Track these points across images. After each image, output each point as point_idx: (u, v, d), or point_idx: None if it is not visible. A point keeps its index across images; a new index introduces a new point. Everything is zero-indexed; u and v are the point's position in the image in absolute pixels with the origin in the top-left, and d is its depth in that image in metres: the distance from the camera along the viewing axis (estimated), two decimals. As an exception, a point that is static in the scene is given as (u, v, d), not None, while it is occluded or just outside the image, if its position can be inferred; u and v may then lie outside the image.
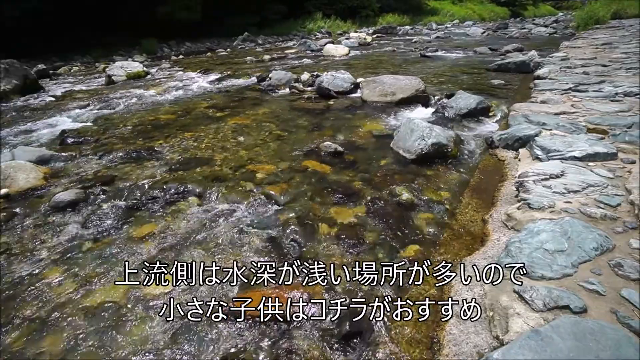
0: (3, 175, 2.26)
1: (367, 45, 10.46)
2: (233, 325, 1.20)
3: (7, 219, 1.88)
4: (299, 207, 1.89)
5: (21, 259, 1.60)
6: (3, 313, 1.31)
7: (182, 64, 8.61)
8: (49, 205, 1.99)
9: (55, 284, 1.45)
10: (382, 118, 3.28)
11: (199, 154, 2.63)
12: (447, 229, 1.70)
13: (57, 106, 4.90)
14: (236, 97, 4.46)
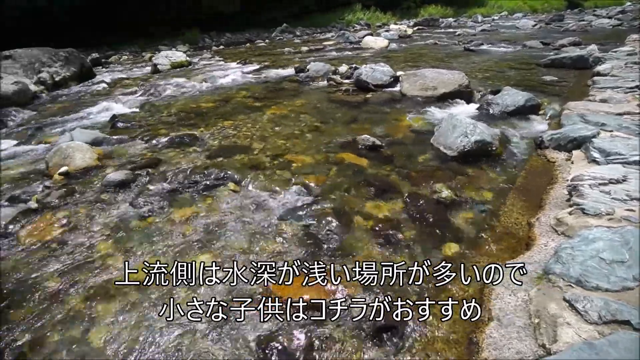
0: (63, 154, 2.46)
1: (407, 38, 10.17)
2: (272, 312, 1.22)
3: (67, 195, 2.04)
4: (334, 199, 1.89)
5: (78, 231, 1.73)
6: (64, 276, 1.42)
7: (222, 54, 8.84)
8: (102, 184, 2.13)
9: (106, 256, 1.55)
10: (421, 113, 3.18)
11: (238, 142, 2.70)
12: (488, 230, 1.63)
13: (109, 92, 5.23)
14: (274, 88, 4.51)
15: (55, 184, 2.21)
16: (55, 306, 1.30)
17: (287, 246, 1.56)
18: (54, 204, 1.97)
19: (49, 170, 2.40)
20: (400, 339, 1.12)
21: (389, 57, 6.40)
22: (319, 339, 1.13)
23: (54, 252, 1.60)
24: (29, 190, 2.18)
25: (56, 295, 1.35)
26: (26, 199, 2.07)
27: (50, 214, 1.89)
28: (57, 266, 1.51)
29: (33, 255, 1.59)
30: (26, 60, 6.17)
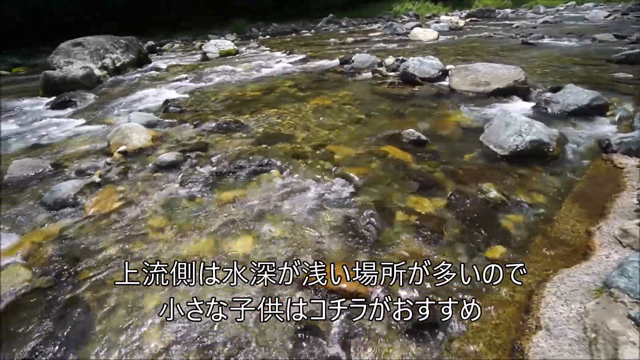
0: (122, 134, 2.65)
1: (459, 30, 9.67)
2: (310, 296, 1.25)
3: (125, 172, 2.21)
4: (376, 191, 1.87)
5: (134, 205, 1.87)
6: (121, 244, 1.55)
7: (268, 43, 8.99)
8: (155, 164, 2.28)
9: (157, 230, 1.67)
10: (471, 109, 3.03)
11: (282, 130, 2.75)
12: (540, 235, 1.53)
13: (162, 78, 5.53)
14: (318, 79, 4.51)
15: (115, 162, 2.39)
16: (113, 271, 1.43)
17: (326, 234, 1.57)
18: (114, 180, 2.14)
19: (109, 149, 2.61)
20: (439, 338, 1.09)
21: (438, 50, 6.13)
22: (356, 330, 1.13)
23: (113, 223, 1.74)
24: (93, 166, 2.39)
25: (114, 261, 1.48)
26: (90, 173, 2.27)
27: (110, 188, 2.05)
28: (116, 235, 1.64)
29: (96, 223, 1.75)
30: (93, 47, 6.68)
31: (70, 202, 1.94)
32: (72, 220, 1.80)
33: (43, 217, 1.86)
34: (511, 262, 1.37)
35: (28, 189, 2.18)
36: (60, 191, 2.00)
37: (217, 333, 1.14)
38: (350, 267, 1.35)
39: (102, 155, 2.58)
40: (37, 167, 2.38)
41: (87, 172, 2.31)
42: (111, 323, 1.20)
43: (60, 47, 6.51)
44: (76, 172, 2.33)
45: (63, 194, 1.98)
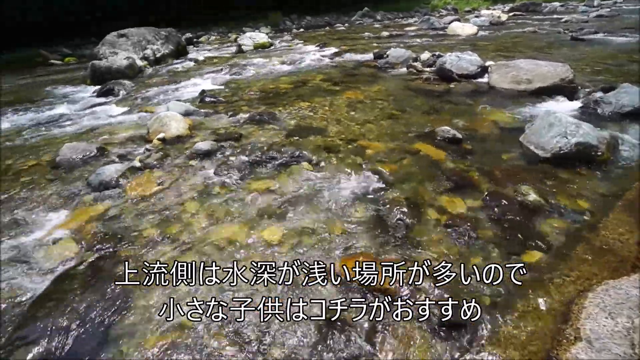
0: (161, 122, 2.77)
1: (500, 25, 9.21)
2: (336, 286, 1.26)
3: (163, 158, 2.31)
4: (407, 188, 1.84)
5: (170, 190, 1.96)
6: (158, 227, 1.63)
7: (301, 37, 9.01)
8: (191, 152, 2.36)
9: (191, 215, 1.74)
10: (511, 108, 2.89)
11: (314, 123, 2.76)
12: (583, 243, 1.44)
13: (198, 69, 5.70)
14: (351, 73, 4.48)
15: (154, 148, 2.51)
16: (149, 251, 1.50)
17: (355, 228, 1.57)
18: (153, 165, 2.25)
19: (149, 136, 2.73)
20: (469, 340, 1.06)
21: (477, 46, 5.88)
22: (382, 327, 1.13)
23: (151, 206, 1.83)
24: (134, 151, 2.52)
25: (151, 242, 1.56)
26: (131, 158, 2.40)
27: (149, 173, 2.16)
28: (153, 217, 1.73)
29: (136, 205, 1.84)
30: (136, 38, 7.00)
31: (113, 184, 2.05)
32: (115, 202, 1.91)
33: (89, 197, 1.99)
34: (549, 269, 1.31)
35: (76, 170, 2.33)
36: (105, 174, 2.12)
37: (249, 326, 1.18)
38: (378, 262, 1.35)
39: (142, 141, 2.71)
40: (85, 150, 2.54)
41: (128, 156, 2.44)
42: (148, 299, 1.27)
43: (106, 39, 6.88)
44: (118, 157, 2.47)
45: (107, 176, 2.10)
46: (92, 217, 1.78)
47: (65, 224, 1.75)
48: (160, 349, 1.09)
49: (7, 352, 1.05)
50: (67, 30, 10.81)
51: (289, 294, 1.25)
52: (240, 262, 1.39)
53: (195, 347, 1.09)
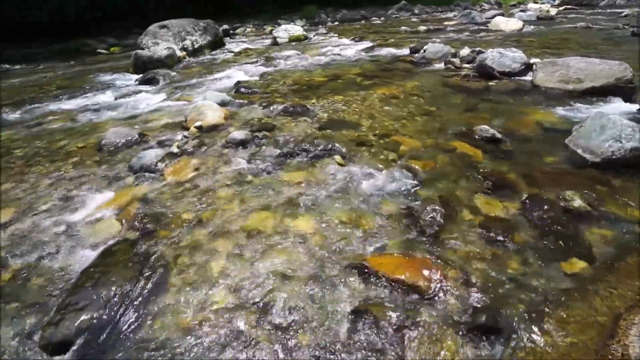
0: (198, 111, 2.86)
1: (549, 20, 8.64)
2: (366, 280, 1.26)
3: (199, 145, 2.39)
4: (441, 186, 1.79)
5: (206, 176, 2.03)
6: (194, 211, 1.69)
7: (336, 30, 8.94)
8: (226, 140, 2.42)
9: (225, 202, 1.78)
10: (557, 108, 2.72)
11: (347, 117, 2.74)
12: (634, 255, 1.34)
13: (234, 60, 5.82)
14: (386, 67, 4.40)
15: (191, 135, 2.59)
16: (186, 234, 1.57)
17: (385, 224, 1.55)
18: (189, 152, 2.33)
19: (186, 123, 2.83)
20: (502, 347, 1.03)
21: (522, 42, 5.57)
22: (410, 322, 1.11)
23: (188, 190, 1.90)
24: (172, 138, 2.62)
25: (187, 225, 1.62)
26: (170, 144, 2.50)
27: (186, 159, 2.24)
28: (189, 202, 1.80)
29: (173, 190, 1.92)
30: (176, 29, 7.24)
31: (152, 169, 2.15)
32: (154, 185, 2.00)
33: (130, 179, 2.10)
34: (594, 280, 1.24)
35: (119, 153, 2.46)
36: (145, 158, 2.23)
37: (276, 306, 1.20)
38: (408, 259, 1.33)
39: (180, 128, 2.81)
40: (127, 135, 2.68)
41: (166, 142, 2.55)
42: (184, 279, 1.33)
43: (149, 29, 7.17)
44: (157, 142, 2.58)
45: (147, 160, 2.21)
46: (133, 198, 1.88)
47: (109, 204, 1.86)
48: (193, 327, 1.14)
49: (60, 315, 1.14)
50: (113, 21, 11.39)
51: (319, 286, 1.26)
52: (269, 252, 1.43)
53: (228, 332, 1.13)
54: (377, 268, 1.27)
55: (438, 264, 1.32)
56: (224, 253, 1.44)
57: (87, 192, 1.99)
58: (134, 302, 1.23)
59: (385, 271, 1.25)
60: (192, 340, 1.10)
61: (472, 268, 1.30)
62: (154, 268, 1.38)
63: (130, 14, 11.92)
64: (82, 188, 2.03)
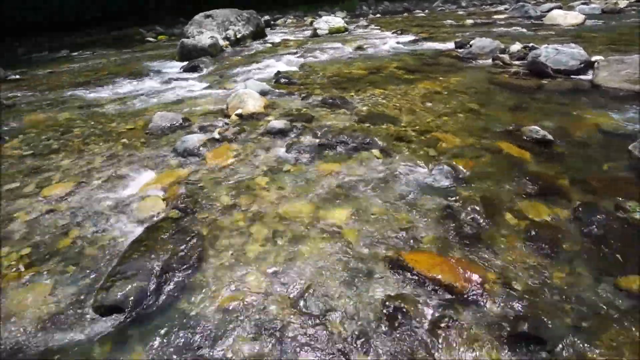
0: (239, 99, 2.93)
1: (616, 13, 7.85)
2: (400, 275, 1.24)
3: (239, 132, 2.45)
4: (483, 187, 1.72)
5: (245, 163, 2.08)
6: (232, 195, 1.75)
7: (378, 22, 8.76)
8: (265, 129, 2.47)
9: (262, 188, 1.82)
10: (620, 111, 2.50)
11: (386, 111, 2.69)
12: (702, 277, 1.21)
13: (275, 51, 5.88)
14: (429, 62, 4.25)
15: (231, 122, 2.67)
16: (224, 216, 1.62)
17: (422, 220, 1.51)
18: (230, 138, 2.40)
19: (227, 111, 2.91)
20: (543, 356, 0.97)
21: (582, 37, 5.14)
22: (445, 323, 1.08)
23: (227, 175, 1.97)
24: (213, 124, 2.71)
25: (225, 209, 1.68)
26: (211, 130, 2.59)
27: (227, 145, 2.31)
28: (229, 186, 1.86)
29: (213, 173, 1.99)
30: (220, 19, 7.43)
31: (195, 152, 2.24)
32: (196, 168, 2.09)
33: (174, 161, 2.20)
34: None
35: (164, 136, 2.59)
36: (189, 142, 2.32)
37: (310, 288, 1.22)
38: (445, 258, 1.29)
39: (221, 115, 2.90)
40: (172, 120, 2.80)
41: (208, 128, 2.64)
42: (220, 259, 1.38)
43: (194, 19, 7.41)
44: (200, 128, 2.68)
45: (190, 144, 2.30)
46: (176, 179, 1.97)
47: (154, 183, 1.96)
48: (227, 306, 1.18)
49: (111, 282, 1.23)
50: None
51: (352, 277, 1.26)
52: (304, 240, 1.44)
53: (260, 315, 1.16)
54: (412, 264, 1.25)
55: (477, 266, 1.28)
56: (260, 238, 1.48)
57: (135, 171, 2.12)
58: (174, 277, 1.30)
59: (421, 268, 1.23)
60: (225, 318, 1.14)
61: (513, 274, 1.24)
62: (194, 247, 1.44)
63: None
64: (130, 167, 2.16)
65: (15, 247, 1.52)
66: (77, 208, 1.77)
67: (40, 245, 1.53)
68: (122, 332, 1.12)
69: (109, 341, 1.09)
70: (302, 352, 1.03)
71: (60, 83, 4.67)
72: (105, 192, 1.90)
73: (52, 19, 10.77)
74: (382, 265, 1.29)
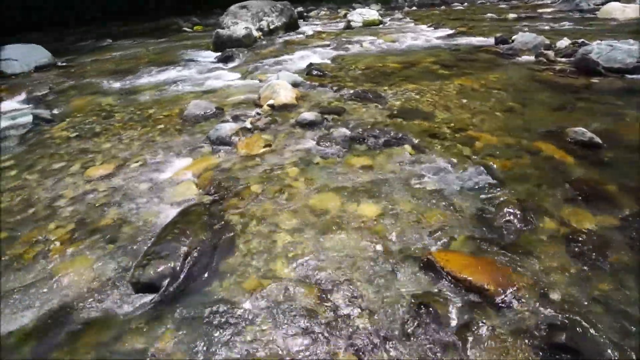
0: (272, 90, 2.95)
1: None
2: (429, 274, 1.22)
3: (271, 123, 2.48)
4: (521, 189, 1.64)
5: (275, 153, 2.10)
6: (262, 183, 1.77)
7: (414, 15, 8.53)
8: (296, 120, 2.48)
9: (291, 179, 1.84)
10: (679, 114, 2.30)
11: (420, 107, 2.62)
12: None
13: (307, 43, 5.86)
14: (466, 57, 4.09)
15: (263, 113, 2.70)
16: (254, 205, 1.65)
17: (454, 220, 1.47)
18: (261, 128, 2.43)
19: (259, 101, 2.95)
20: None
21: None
22: (476, 322, 1.05)
23: (258, 165, 1.99)
24: (245, 114, 2.75)
25: (255, 197, 1.71)
26: (243, 119, 2.63)
27: (258, 135, 2.34)
28: (259, 175, 1.88)
29: (244, 162, 2.03)
30: (255, 10, 7.48)
31: (227, 141, 2.29)
32: (228, 156, 2.13)
33: (207, 148, 2.26)
34: None
35: (198, 124, 2.66)
36: (221, 130, 2.37)
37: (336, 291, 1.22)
38: (480, 260, 1.25)
39: (253, 105, 2.94)
40: (206, 108, 2.87)
41: (241, 118, 2.68)
42: (249, 246, 1.41)
43: (230, 9, 7.51)
44: (232, 117, 2.73)
45: (223, 133, 2.35)
46: (209, 166, 2.03)
47: (187, 168, 2.03)
48: (253, 291, 1.21)
49: (146, 260, 1.29)
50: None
51: (380, 272, 1.25)
52: (332, 232, 1.44)
53: (286, 303, 1.18)
54: (442, 263, 1.21)
55: (511, 270, 1.22)
56: (288, 228, 1.49)
57: (170, 156, 2.20)
58: (205, 260, 1.34)
59: (452, 268, 1.19)
60: (251, 303, 1.16)
61: (551, 281, 1.18)
62: (224, 232, 1.48)
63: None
64: (166, 152, 2.25)
65: (62, 223, 1.63)
66: (117, 189, 1.86)
67: (83, 222, 1.62)
68: (155, 308, 1.17)
69: (143, 316, 1.15)
70: (323, 341, 1.04)
71: (104, 70, 4.91)
72: (142, 175, 1.99)
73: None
74: (410, 262, 1.27)
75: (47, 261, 1.40)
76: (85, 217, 1.66)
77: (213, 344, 1.05)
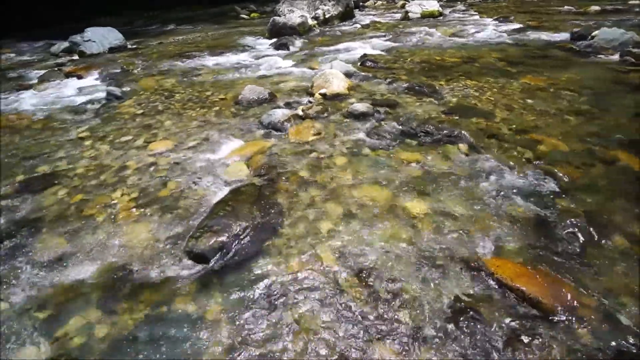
0: (325, 79, 2.95)
1: None
2: (478, 279, 1.16)
3: (322, 111, 2.49)
4: (590, 201, 1.50)
5: (325, 142, 2.11)
6: (310, 171, 1.80)
7: (478, 7, 8.01)
8: (347, 110, 2.46)
9: (340, 169, 1.84)
10: None
11: (479, 105, 2.48)
12: None
13: (362, 33, 5.76)
14: (535, 54, 3.77)
15: (315, 101, 2.71)
16: (301, 190, 1.68)
17: (510, 226, 1.38)
18: (313, 116, 2.45)
19: (312, 89, 2.96)
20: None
21: None
22: (527, 336, 0.99)
23: (307, 152, 2.02)
24: (298, 101, 2.79)
25: (304, 183, 1.73)
26: (295, 106, 2.67)
27: (309, 122, 2.36)
28: (307, 162, 1.91)
29: (295, 148, 2.07)
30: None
31: (279, 127, 2.34)
32: (279, 141, 2.18)
33: (259, 132, 2.33)
34: None
35: (251, 109, 2.75)
36: (274, 116, 2.43)
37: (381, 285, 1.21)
38: (536, 271, 1.17)
39: (305, 93, 2.96)
40: (260, 93, 2.95)
41: (293, 104, 2.73)
42: (295, 229, 1.44)
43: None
44: (285, 104, 2.78)
45: (275, 119, 2.40)
46: (260, 149, 2.09)
47: (240, 150, 2.11)
48: (296, 273, 1.24)
49: (200, 233, 1.38)
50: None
51: (426, 270, 1.22)
52: (377, 225, 1.43)
53: (328, 289, 1.19)
54: (493, 269, 1.16)
55: (571, 285, 1.13)
56: (334, 216, 1.50)
57: (225, 137, 2.29)
58: (253, 238, 1.40)
59: (504, 276, 1.13)
60: (293, 285, 1.20)
61: (618, 302, 1.08)
62: (272, 213, 1.53)
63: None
64: (221, 133, 2.35)
65: (127, 191, 1.79)
66: (175, 164, 1.99)
67: (145, 192, 1.76)
68: (205, 277, 1.25)
69: (194, 283, 1.23)
70: (360, 330, 1.04)
71: (167, 52, 5.22)
72: (198, 153, 2.10)
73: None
74: (457, 264, 1.23)
75: (114, 224, 1.55)
76: (147, 187, 1.80)
77: (255, 316, 1.10)
